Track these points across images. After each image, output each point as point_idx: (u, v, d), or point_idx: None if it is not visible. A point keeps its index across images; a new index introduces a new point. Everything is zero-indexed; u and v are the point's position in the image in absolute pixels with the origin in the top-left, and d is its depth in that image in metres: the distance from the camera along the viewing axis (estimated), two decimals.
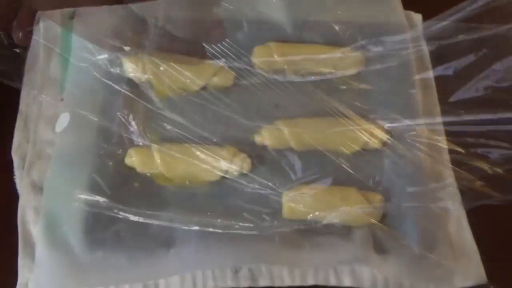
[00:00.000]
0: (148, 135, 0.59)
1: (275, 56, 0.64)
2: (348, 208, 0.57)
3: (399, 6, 0.73)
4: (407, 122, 0.63)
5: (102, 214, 0.55)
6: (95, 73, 0.60)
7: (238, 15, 0.65)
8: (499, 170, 0.61)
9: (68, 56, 0.63)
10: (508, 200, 0.60)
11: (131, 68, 0.61)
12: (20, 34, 0.54)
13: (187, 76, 0.60)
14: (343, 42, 0.69)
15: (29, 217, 0.56)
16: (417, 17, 0.74)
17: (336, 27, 0.69)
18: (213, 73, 0.62)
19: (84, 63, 0.61)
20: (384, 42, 0.69)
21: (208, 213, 0.57)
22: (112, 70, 0.61)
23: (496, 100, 0.68)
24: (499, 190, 0.60)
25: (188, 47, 0.57)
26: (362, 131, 0.61)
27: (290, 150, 0.61)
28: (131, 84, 0.62)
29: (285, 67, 0.65)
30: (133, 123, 0.59)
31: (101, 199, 0.56)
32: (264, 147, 0.62)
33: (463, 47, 0.71)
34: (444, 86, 0.68)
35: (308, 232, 0.57)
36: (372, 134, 0.61)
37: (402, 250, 0.55)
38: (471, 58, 0.71)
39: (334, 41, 0.69)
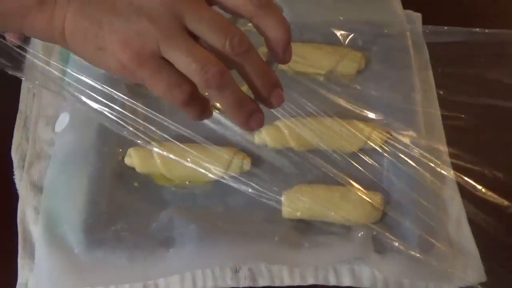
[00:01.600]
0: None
1: None
2: (348, 208, 0.57)
3: (398, 5, 0.73)
4: (407, 122, 0.63)
5: (102, 214, 0.55)
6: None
7: None
8: (498, 174, 0.61)
9: (67, 55, 0.63)
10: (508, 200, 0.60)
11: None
12: (13, 37, 0.54)
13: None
14: (343, 42, 0.69)
15: (29, 217, 0.56)
16: (417, 17, 0.74)
17: (336, 27, 0.69)
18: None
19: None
20: (384, 41, 0.70)
21: (208, 213, 0.57)
22: None
23: (496, 102, 0.68)
24: (498, 191, 0.60)
25: None
26: (362, 131, 0.61)
27: (290, 150, 0.61)
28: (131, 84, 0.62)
29: (285, 67, 0.65)
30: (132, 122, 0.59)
31: (100, 199, 0.56)
32: (264, 147, 0.62)
33: (463, 47, 0.71)
34: (444, 86, 0.69)
35: (308, 232, 0.57)
36: (371, 134, 0.61)
37: (402, 249, 0.55)
38: (471, 58, 0.71)
39: (334, 41, 0.69)
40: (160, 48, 0.37)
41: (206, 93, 0.39)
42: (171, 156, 0.58)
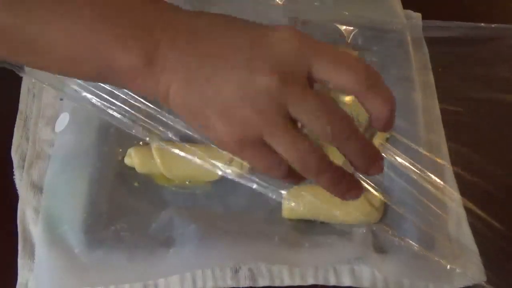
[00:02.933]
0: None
1: None
2: (348, 208, 0.57)
3: (398, 5, 0.73)
4: (407, 122, 0.63)
5: (102, 213, 0.55)
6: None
7: (237, 15, 0.65)
8: (500, 170, 0.61)
9: None
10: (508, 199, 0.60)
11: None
12: None
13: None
14: (343, 42, 0.69)
15: (29, 217, 0.56)
16: (417, 16, 0.74)
17: (336, 27, 0.69)
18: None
19: None
20: (384, 41, 0.70)
21: (208, 213, 0.57)
22: None
23: (497, 99, 0.68)
24: (499, 189, 0.60)
25: None
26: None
27: None
28: None
29: None
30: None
31: (100, 199, 0.56)
32: None
33: (463, 46, 0.71)
34: (444, 85, 0.69)
35: (308, 232, 0.57)
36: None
37: (402, 249, 0.55)
38: (471, 57, 0.71)
39: (333, 41, 0.69)
40: (263, 136, 0.38)
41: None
42: (171, 156, 0.58)
